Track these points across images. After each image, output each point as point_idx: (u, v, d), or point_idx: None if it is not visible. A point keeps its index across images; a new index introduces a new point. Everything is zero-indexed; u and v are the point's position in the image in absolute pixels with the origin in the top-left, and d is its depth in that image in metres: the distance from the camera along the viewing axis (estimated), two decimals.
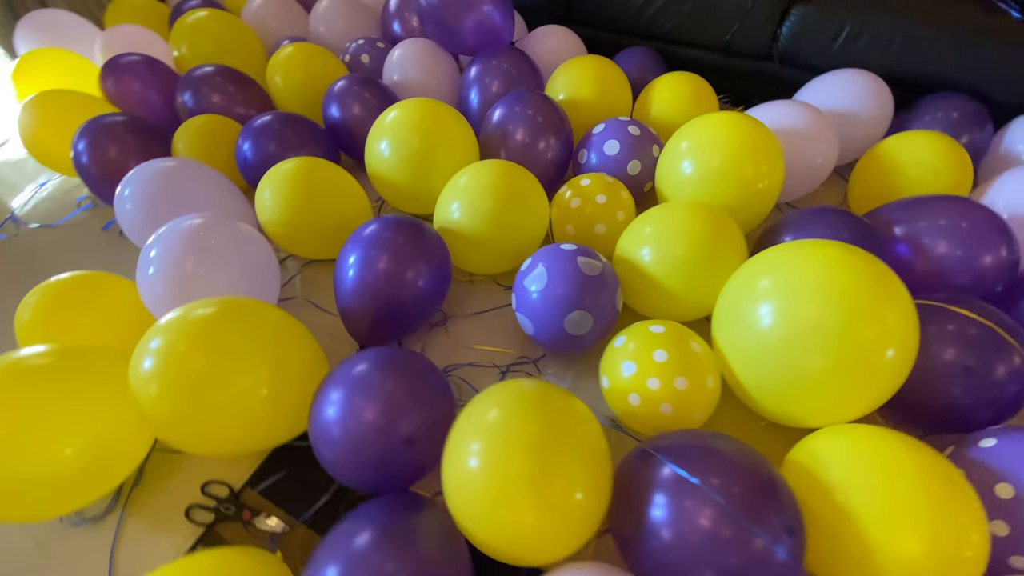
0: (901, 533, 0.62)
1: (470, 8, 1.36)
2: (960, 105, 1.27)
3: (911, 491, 0.64)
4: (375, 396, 0.75)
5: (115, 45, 1.58)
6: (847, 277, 0.74)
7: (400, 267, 0.95)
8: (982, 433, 0.76)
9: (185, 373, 0.75)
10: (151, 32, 1.65)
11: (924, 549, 0.61)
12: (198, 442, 0.80)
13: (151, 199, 1.06)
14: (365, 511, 0.71)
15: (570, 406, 0.74)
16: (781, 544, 0.61)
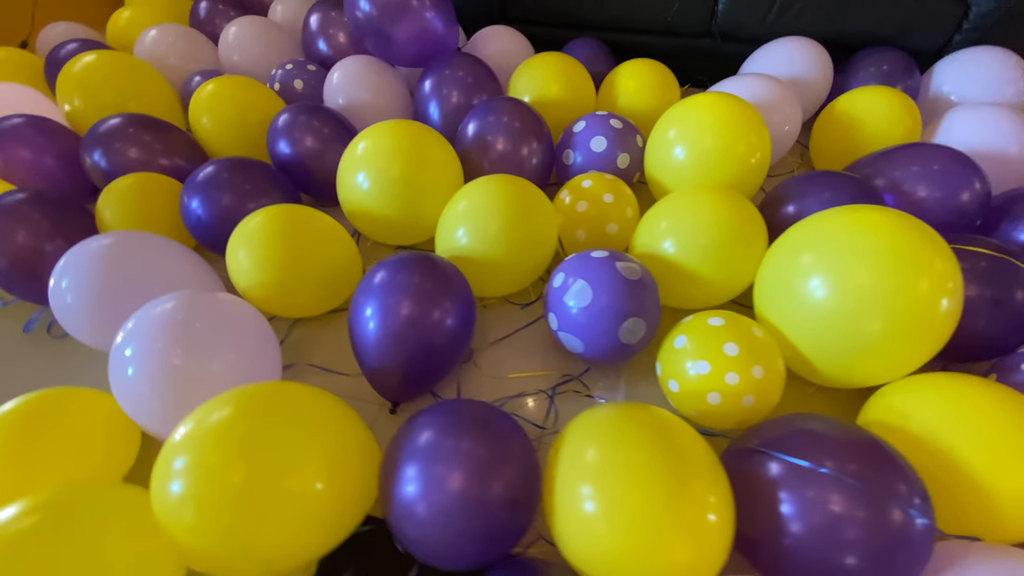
0: (1011, 466, 0.65)
1: (411, 17, 1.27)
2: (889, 58, 1.38)
3: (1004, 425, 0.67)
4: (457, 461, 0.67)
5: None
6: (888, 237, 0.76)
7: (425, 309, 0.86)
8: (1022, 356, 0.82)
9: (225, 489, 0.62)
10: (27, 88, 1.38)
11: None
12: (249, 564, 0.67)
13: (98, 287, 0.88)
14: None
15: (664, 421, 0.70)
16: (916, 509, 0.61)
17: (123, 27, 1.65)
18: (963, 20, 1.35)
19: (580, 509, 0.65)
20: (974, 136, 1.17)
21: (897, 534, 0.61)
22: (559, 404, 0.95)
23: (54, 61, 1.51)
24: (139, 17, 1.66)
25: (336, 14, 1.51)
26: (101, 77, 1.32)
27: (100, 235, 0.93)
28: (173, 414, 0.77)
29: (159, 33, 1.51)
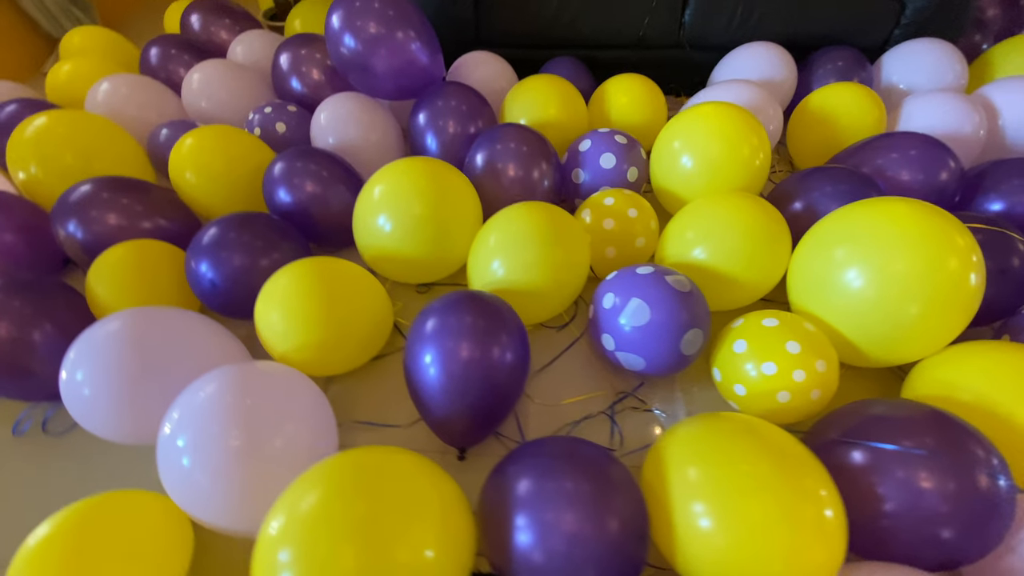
0: None
1: (397, 50, 1.25)
2: (843, 55, 1.50)
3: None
4: (566, 502, 0.66)
5: None
6: (913, 224, 0.82)
7: (484, 348, 0.84)
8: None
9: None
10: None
11: None
12: None
13: (120, 375, 0.79)
14: None
15: (753, 425, 0.72)
16: (998, 472, 0.66)
17: (65, 82, 1.51)
18: (901, 16, 1.50)
19: (696, 527, 0.65)
20: (933, 121, 1.30)
21: (986, 499, 0.66)
22: (620, 422, 0.96)
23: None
24: (81, 70, 1.52)
25: (307, 51, 1.45)
26: (58, 139, 1.20)
27: (110, 317, 0.84)
28: (240, 501, 0.72)
29: (112, 85, 1.39)
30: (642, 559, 0.67)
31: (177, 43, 1.59)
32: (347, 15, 1.22)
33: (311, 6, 1.75)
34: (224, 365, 0.85)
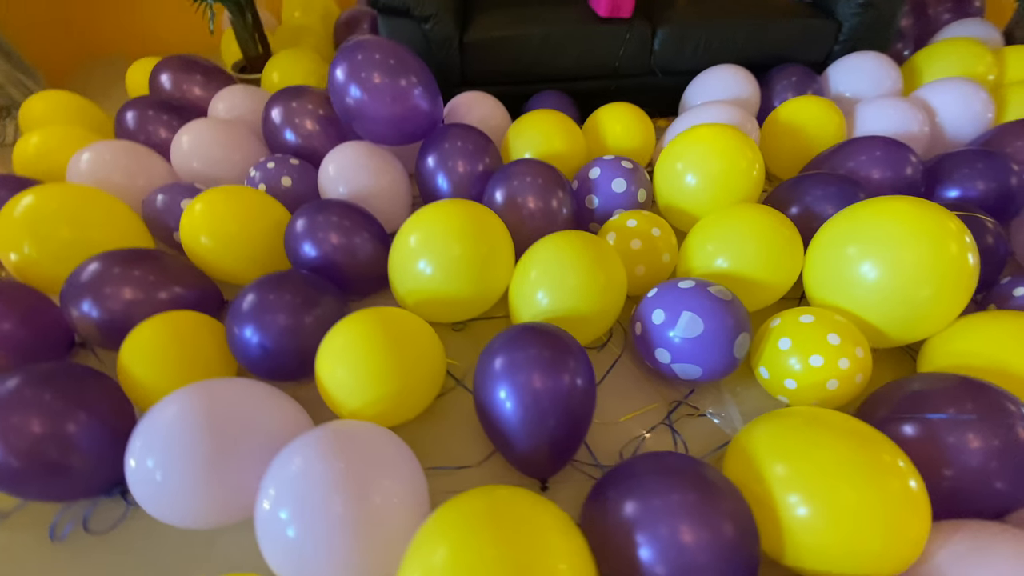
0: None
1: (402, 98, 1.28)
2: (795, 71, 1.67)
3: None
4: (679, 514, 0.69)
5: None
6: (912, 217, 0.94)
7: (556, 376, 0.87)
8: (1011, 285, 1.05)
9: None
10: None
11: None
12: None
13: (194, 457, 0.76)
14: None
15: (818, 414, 0.79)
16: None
17: (35, 154, 1.42)
18: (839, 34, 1.69)
19: (796, 518, 0.71)
20: (884, 123, 1.47)
21: (1012, 446, 0.75)
22: (679, 430, 1.01)
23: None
24: (52, 140, 1.44)
25: (298, 104, 1.45)
26: (51, 215, 1.13)
27: (171, 398, 0.80)
28: (351, 563, 0.70)
29: (94, 153, 1.33)
30: (757, 556, 0.71)
31: (153, 104, 1.54)
32: (351, 67, 1.24)
33: (287, 58, 1.74)
34: (297, 431, 0.84)
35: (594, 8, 1.63)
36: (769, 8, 1.68)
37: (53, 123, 1.56)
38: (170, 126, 1.53)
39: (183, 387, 0.83)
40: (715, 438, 0.99)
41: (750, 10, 1.67)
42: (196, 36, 2.40)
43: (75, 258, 1.13)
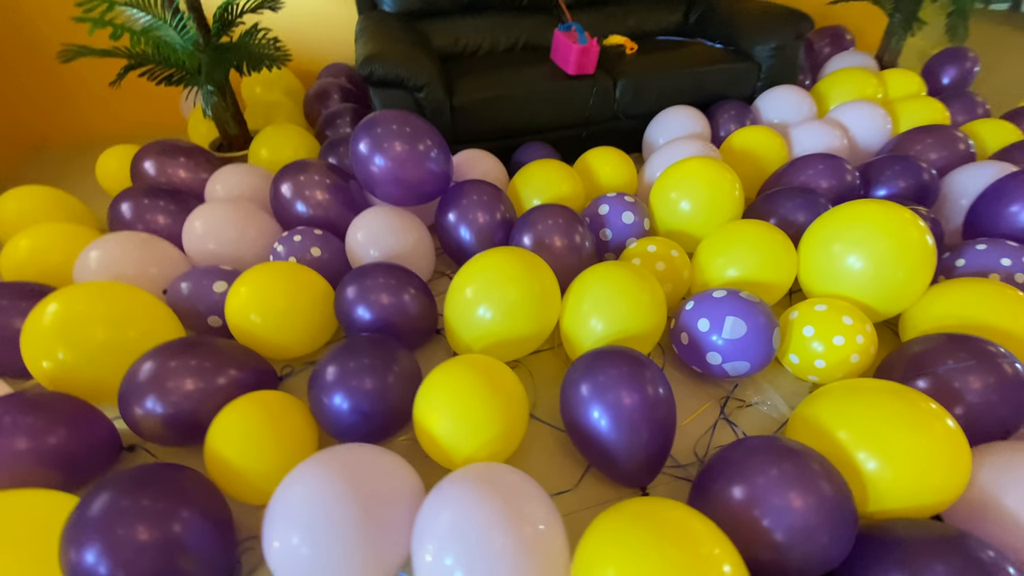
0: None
1: (420, 161, 1.37)
2: (732, 106, 1.97)
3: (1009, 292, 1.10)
4: (784, 485, 0.81)
5: None
6: (878, 215, 1.17)
7: (641, 391, 0.97)
8: (951, 259, 1.31)
9: None
10: None
11: None
12: None
13: (342, 525, 0.77)
14: None
15: (853, 385, 0.96)
16: (1015, 361, 0.97)
17: (27, 258, 1.33)
18: (759, 74, 2.02)
19: (868, 472, 0.85)
20: (813, 142, 1.77)
21: (1017, 381, 0.96)
22: (734, 422, 1.14)
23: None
24: (42, 241, 1.36)
25: (305, 177, 1.49)
26: (82, 317, 1.08)
27: (299, 474, 0.82)
28: None
29: (103, 249, 1.28)
30: (855, 509, 0.84)
31: (147, 192, 1.50)
32: (373, 140, 1.33)
33: (274, 133, 1.77)
34: (412, 482, 0.87)
35: (562, 68, 1.84)
36: (703, 57, 1.98)
37: (30, 222, 1.47)
38: (168, 212, 1.50)
39: (305, 462, 0.84)
40: (767, 423, 1.14)
41: (688, 60, 1.96)
42: (140, 121, 2.35)
43: (113, 358, 1.09)
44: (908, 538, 0.79)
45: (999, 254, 1.23)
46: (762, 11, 2.01)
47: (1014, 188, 1.33)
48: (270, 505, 0.79)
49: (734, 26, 2.05)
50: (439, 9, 2.00)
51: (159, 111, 2.34)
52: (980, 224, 1.40)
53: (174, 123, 2.38)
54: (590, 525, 0.79)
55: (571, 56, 1.77)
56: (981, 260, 1.25)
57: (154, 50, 1.51)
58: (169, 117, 2.36)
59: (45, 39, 2.05)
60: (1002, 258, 1.23)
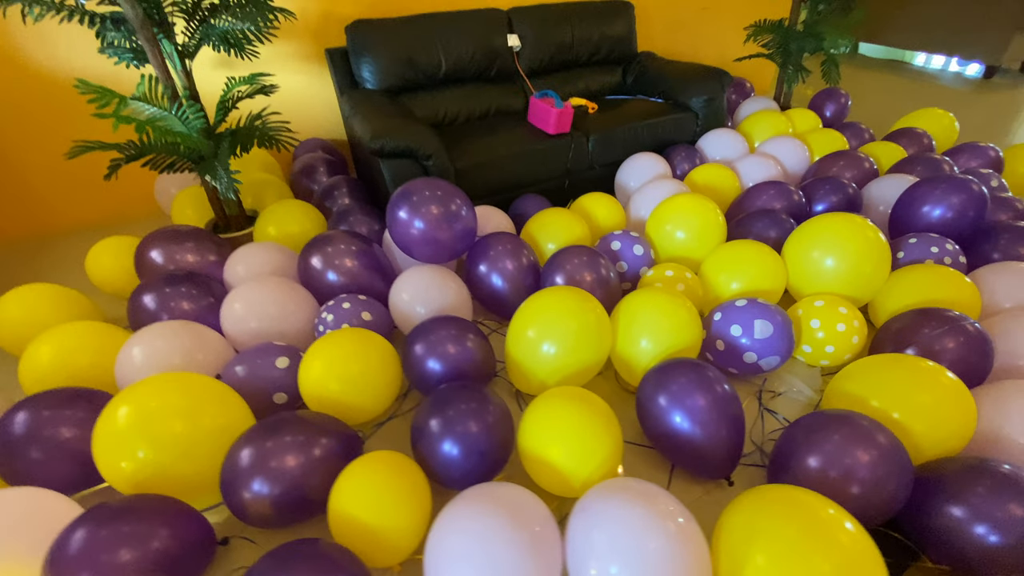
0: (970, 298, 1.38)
1: (455, 220, 1.49)
2: (681, 149, 2.30)
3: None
4: (862, 444, 0.99)
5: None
6: (842, 225, 1.46)
7: (712, 389, 1.12)
8: (894, 250, 1.63)
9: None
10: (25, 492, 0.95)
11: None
12: None
13: (520, 557, 0.83)
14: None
15: (866, 364, 1.18)
16: (975, 322, 1.25)
17: (50, 365, 1.24)
18: (697, 121, 2.39)
19: (903, 427, 1.06)
20: (756, 173, 2.12)
21: (983, 337, 1.23)
22: (773, 410, 1.33)
23: (15, 441, 1.05)
24: (64, 342, 1.27)
25: (332, 248, 1.55)
26: (157, 412, 1.04)
27: (450, 521, 0.86)
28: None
29: (145, 343, 1.23)
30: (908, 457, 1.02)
31: (167, 281, 1.46)
32: (411, 206, 1.43)
33: (278, 210, 1.80)
34: (540, 508, 0.94)
35: (543, 128, 2.07)
36: (652, 111, 2.31)
37: (37, 324, 1.37)
38: (191, 297, 1.47)
39: (457, 507, 0.88)
40: (798, 407, 1.33)
41: (641, 114, 2.28)
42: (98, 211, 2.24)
43: (193, 449, 1.06)
44: (947, 473, 0.99)
45: (927, 244, 1.57)
46: (691, 70, 2.40)
47: (922, 193, 1.70)
48: (435, 555, 0.83)
49: (670, 84, 2.42)
50: (418, 84, 2.17)
51: (117, 199, 2.25)
52: (902, 224, 1.76)
53: (135, 210, 2.29)
54: (723, 514, 0.91)
55: (551, 119, 2.01)
56: (916, 251, 1.58)
57: (163, 140, 1.52)
58: (126, 204, 2.27)
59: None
60: (931, 247, 1.56)
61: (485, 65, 2.28)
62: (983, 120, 3.29)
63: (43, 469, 1.09)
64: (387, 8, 2.29)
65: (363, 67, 2.06)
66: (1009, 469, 0.95)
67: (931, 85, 4.01)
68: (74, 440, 1.11)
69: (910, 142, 2.35)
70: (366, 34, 2.03)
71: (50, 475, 1.09)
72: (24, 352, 1.27)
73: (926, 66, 4.57)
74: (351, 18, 2.24)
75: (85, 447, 1.11)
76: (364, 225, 1.82)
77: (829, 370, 1.44)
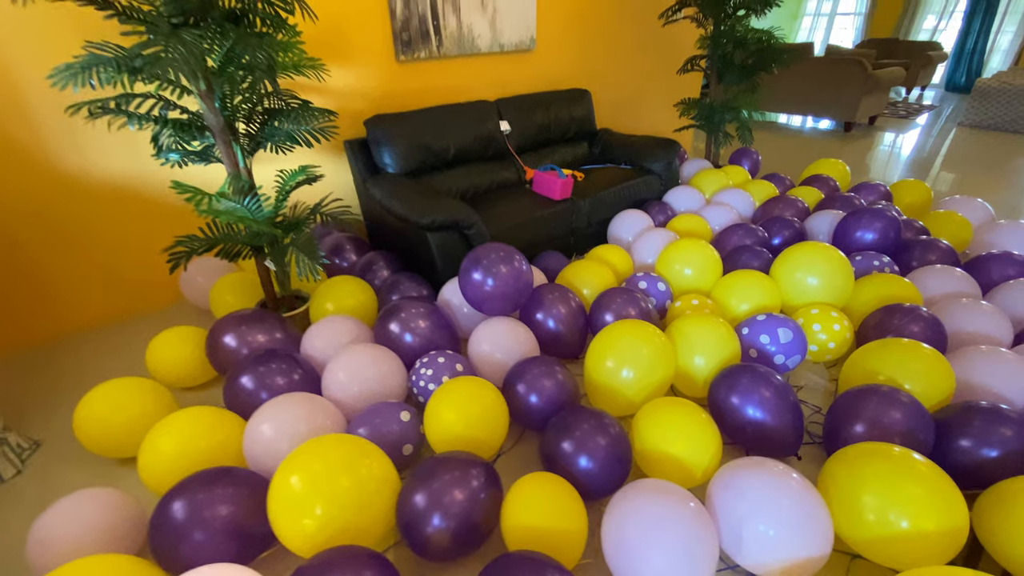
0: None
1: (518, 275, 1.72)
2: (654, 203, 2.73)
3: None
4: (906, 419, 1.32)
5: None
6: (815, 250, 1.89)
7: (772, 385, 1.41)
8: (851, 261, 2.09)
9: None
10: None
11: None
12: None
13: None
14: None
15: (866, 351, 1.56)
16: (920, 308, 1.68)
17: (171, 455, 1.25)
18: (661, 181, 2.86)
19: (906, 389, 1.42)
20: (721, 218, 2.59)
21: (933, 321, 1.66)
22: (803, 399, 1.64)
23: (180, 526, 1.06)
24: (182, 436, 1.29)
25: (404, 314, 1.71)
26: (324, 471, 1.12)
27: (625, 520, 1.04)
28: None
29: (268, 423, 1.30)
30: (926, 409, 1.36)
31: (257, 361, 1.52)
32: (483, 267, 1.66)
33: (331, 287, 1.91)
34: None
35: (549, 196, 2.40)
36: (626, 175, 2.75)
37: (133, 420, 1.37)
38: (281, 372, 1.54)
39: (619, 506, 1.06)
40: (818, 395, 1.66)
41: (620, 179, 2.70)
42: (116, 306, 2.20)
43: (360, 499, 1.14)
44: (949, 417, 1.34)
45: (870, 260, 2.05)
46: (649, 141, 2.90)
47: (854, 223, 2.22)
48: (618, 545, 1.00)
49: (635, 153, 2.90)
50: (432, 166, 2.44)
51: (130, 295, 2.22)
52: (843, 247, 2.26)
53: (147, 304, 2.27)
54: (823, 469, 1.17)
55: (556, 187, 2.35)
56: (863, 265, 2.05)
57: (234, 229, 1.62)
58: (140, 299, 2.25)
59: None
60: (873, 261, 2.04)
61: (483, 147, 2.61)
62: (853, 163, 4.17)
63: (205, 549, 1.10)
64: (391, 104, 2.58)
65: (384, 154, 2.30)
66: (989, 405, 1.31)
67: (808, 139, 4.98)
68: (231, 516, 1.14)
69: (822, 185, 2.98)
70: (386, 126, 2.29)
71: (213, 554, 1.11)
72: (143, 445, 1.28)
73: (789, 123, 5.66)
74: (362, 114, 2.50)
75: (243, 520, 1.14)
76: (414, 291, 1.99)
77: (830, 364, 1.80)
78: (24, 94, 1.78)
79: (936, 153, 4.41)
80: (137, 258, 2.17)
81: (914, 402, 1.33)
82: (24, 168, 1.85)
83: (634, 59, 3.61)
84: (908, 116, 5.88)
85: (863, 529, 1.07)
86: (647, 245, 2.29)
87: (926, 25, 7.64)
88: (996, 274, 2.00)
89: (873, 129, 5.29)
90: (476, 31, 2.69)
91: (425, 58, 2.56)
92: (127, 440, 1.46)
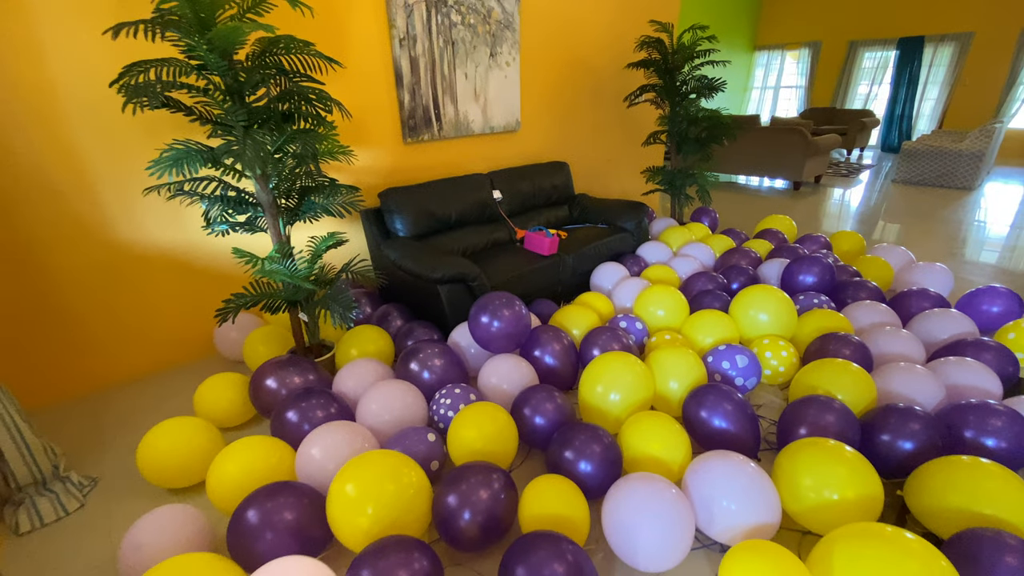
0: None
1: (519, 320, 2.05)
2: (629, 256, 3.13)
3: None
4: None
5: None
6: (765, 292, 2.27)
7: (734, 401, 1.73)
8: (795, 300, 2.47)
9: None
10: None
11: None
12: None
13: None
14: None
15: (820, 364, 1.90)
16: (855, 338, 2.05)
17: (235, 475, 1.48)
18: (633, 236, 3.27)
19: (838, 399, 1.76)
20: (685, 268, 2.98)
21: (861, 346, 2.02)
22: (761, 415, 1.95)
23: (254, 529, 1.28)
24: (244, 460, 1.53)
25: (423, 355, 2.00)
26: (373, 478, 1.37)
27: (626, 499, 1.32)
28: None
29: (318, 445, 1.55)
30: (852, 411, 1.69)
31: (301, 397, 1.77)
32: (490, 312, 1.97)
33: (354, 335, 2.19)
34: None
35: (538, 252, 2.77)
36: (603, 234, 3.17)
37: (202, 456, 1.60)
38: (320, 406, 1.79)
39: (617, 494, 1.33)
40: (774, 409, 1.97)
41: (598, 236, 3.11)
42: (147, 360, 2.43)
43: (402, 500, 1.38)
44: (873, 418, 1.66)
45: (811, 298, 2.44)
46: (621, 204, 3.35)
47: (796, 269, 2.63)
48: (617, 523, 1.26)
49: (610, 214, 3.33)
50: (437, 229, 2.81)
51: (168, 348, 2.46)
52: (788, 289, 2.66)
53: (184, 354, 2.50)
54: (776, 462, 1.46)
55: (545, 244, 2.73)
56: (806, 303, 2.44)
57: (278, 288, 1.92)
58: (175, 352, 2.48)
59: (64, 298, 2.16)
60: (813, 299, 2.43)
61: (479, 212, 3.00)
62: (802, 217, 4.71)
63: (275, 545, 1.32)
64: (400, 179, 2.98)
65: (396, 220, 2.67)
66: (904, 406, 1.64)
67: (762, 197, 5.57)
68: (295, 519, 1.36)
69: (772, 237, 3.44)
70: (397, 197, 2.67)
71: (282, 549, 1.33)
72: (211, 468, 1.51)
73: (748, 183, 6.31)
74: (375, 187, 2.88)
75: (304, 523, 1.36)
76: (426, 336, 2.28)
77: (783, 386, 2.13)
78: (89, 175, 2.09)
79: (872, 206, 5.01)
80: (174, 316, 2.43)
81: (844, 408, 1.65)
82: (87, 238, 2.14)
83: (604, 134, 4.16)
84: (849, 175, 6.61)
85: (803, 502, 1.36)
86: (625, 291, 2.65)
87: (861, 91, 8.62)
88: (914, 307, 2.40)
89: (819, 187, 5.96)
90: (470, 117, 3.16)
91: (428, 140, 3.00)
92: (183, 472, 1.67)
